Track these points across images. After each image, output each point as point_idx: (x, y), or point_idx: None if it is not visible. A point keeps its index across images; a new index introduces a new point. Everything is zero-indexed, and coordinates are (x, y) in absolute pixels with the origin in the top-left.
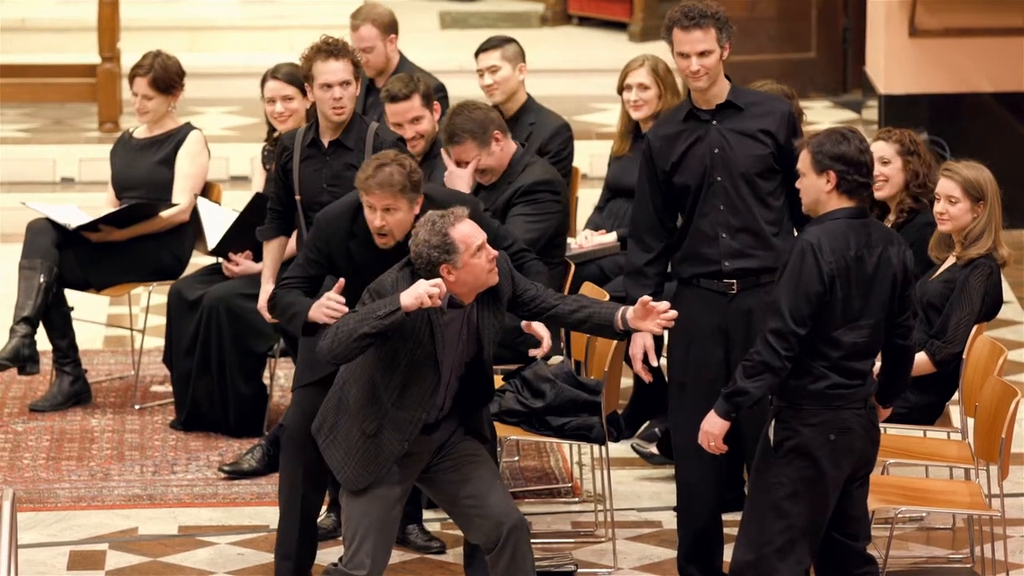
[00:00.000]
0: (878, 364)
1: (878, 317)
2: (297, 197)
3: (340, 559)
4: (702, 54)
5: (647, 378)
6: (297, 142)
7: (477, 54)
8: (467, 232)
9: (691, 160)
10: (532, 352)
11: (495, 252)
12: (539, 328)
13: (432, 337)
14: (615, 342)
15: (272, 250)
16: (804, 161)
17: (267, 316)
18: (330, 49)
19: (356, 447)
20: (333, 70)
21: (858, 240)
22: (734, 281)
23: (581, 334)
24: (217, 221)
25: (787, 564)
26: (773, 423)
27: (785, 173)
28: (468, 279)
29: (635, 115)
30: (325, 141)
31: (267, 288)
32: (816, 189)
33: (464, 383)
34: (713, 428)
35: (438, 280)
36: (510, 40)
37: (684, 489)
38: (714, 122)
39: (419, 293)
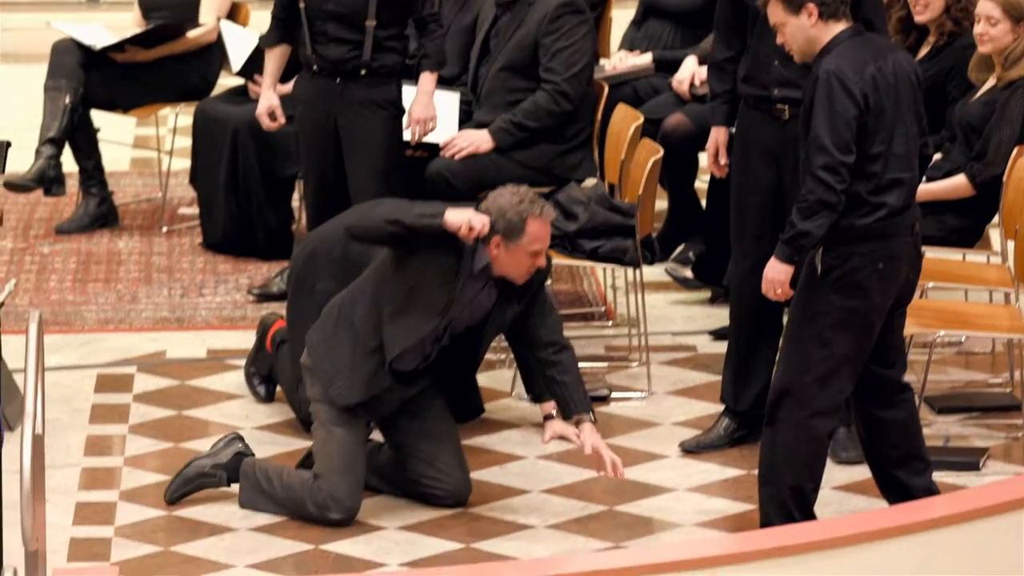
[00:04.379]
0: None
1: (907, 122)
2: (301, 4)
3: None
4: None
5: (719, 173)
6: None
7: None
8: (538, 233)
9: None
10: None
11: (543, 263)
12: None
13: (455, 281)
14: (651, 162)
15: (274, 58)
16: (776, 12)
17: (265, 123)
18: None
19: (353, 361)
20: None
21: (871, 53)
22: (786, 107)
23: (615, 156)
24: (242, 43)
25: (828, 392)
26: (820, 251)
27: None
28: (505, 263)
29: None
30: None
31: (267, 95)
32: (802, 29)
33: (453, 346)
34: (779, 275)
35: (486, 220)
36: None
37: (737, 315)
38: None
39: (466, 219)
